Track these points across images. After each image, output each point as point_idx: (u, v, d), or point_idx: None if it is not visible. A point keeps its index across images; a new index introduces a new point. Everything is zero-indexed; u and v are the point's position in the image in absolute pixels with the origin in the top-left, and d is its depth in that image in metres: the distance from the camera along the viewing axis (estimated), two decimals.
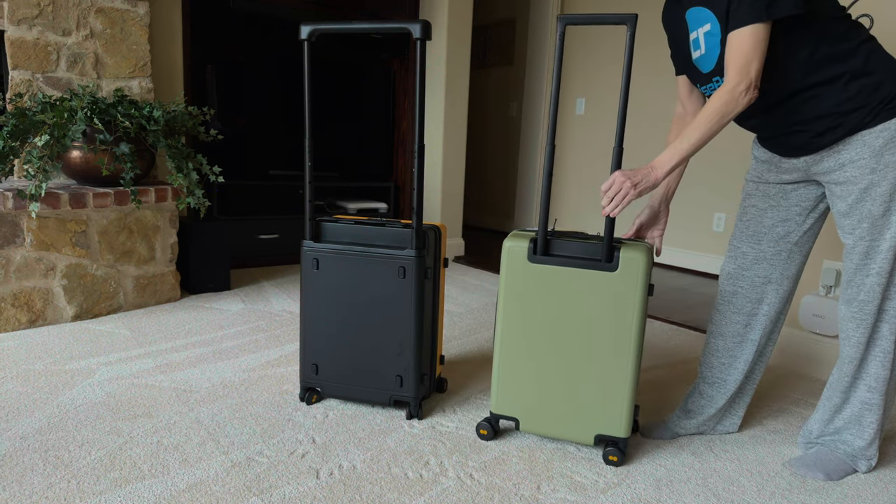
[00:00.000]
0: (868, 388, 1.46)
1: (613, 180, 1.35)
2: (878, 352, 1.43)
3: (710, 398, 1.64)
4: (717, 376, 1.63)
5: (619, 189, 1.34)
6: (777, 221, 1.54)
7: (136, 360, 2.02)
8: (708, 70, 1.43)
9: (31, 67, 2.49)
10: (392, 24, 1.49)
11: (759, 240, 1.56)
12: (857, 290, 1.42)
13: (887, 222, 1.35)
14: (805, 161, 1.44)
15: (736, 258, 1.59)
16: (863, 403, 1.47)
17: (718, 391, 1.63)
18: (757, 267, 1.56)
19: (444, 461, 1.47)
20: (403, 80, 4.12)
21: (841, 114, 1.34)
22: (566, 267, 1.45)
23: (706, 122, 1.31)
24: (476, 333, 2.49)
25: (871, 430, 1.48)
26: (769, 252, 1.55)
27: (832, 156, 1.39)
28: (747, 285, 1.57)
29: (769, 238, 1.55)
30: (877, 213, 1.35)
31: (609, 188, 1.36)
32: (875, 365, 1.44)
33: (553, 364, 1.50)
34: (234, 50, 3.60)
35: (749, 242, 1.57)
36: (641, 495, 1.36)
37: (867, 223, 1.37)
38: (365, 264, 1.63)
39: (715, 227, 3.87)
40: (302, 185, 3.79)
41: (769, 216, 1.55)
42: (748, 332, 1.59)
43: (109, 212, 2.44)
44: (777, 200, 1.54)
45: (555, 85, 1.39)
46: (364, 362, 1.68)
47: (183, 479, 1.34)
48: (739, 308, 1.59)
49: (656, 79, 4.11)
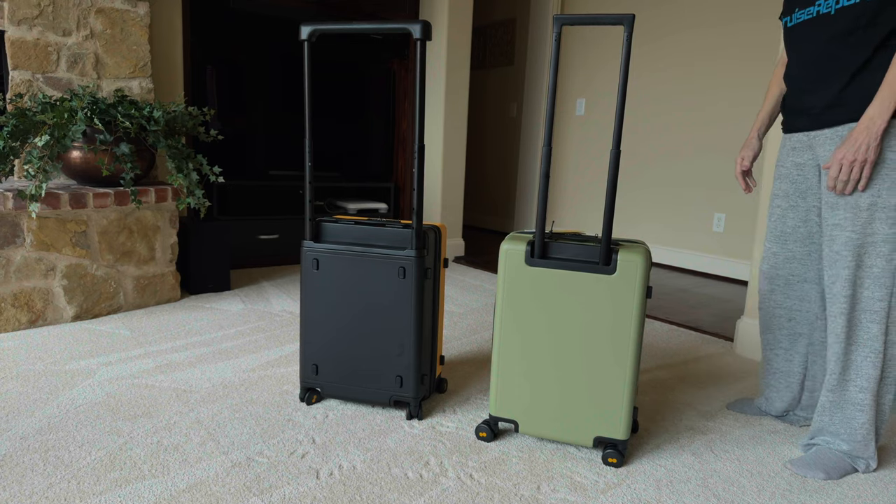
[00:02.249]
0: (859, 388, 1.47)
1: (840, 166, 1.37)
2: (869, 351, 1.44)
3: (776, 389, 1.75)
4: (775, 367, 1.74)
5: (849, 171, 1.36)
6: (799, 223, 1.59)
7: (136, 360, 2.02)
8: None
9: (31, 68, 2.49)
10: (392, 24, 1.49)
11: (785, 240, 1.62)
12: None
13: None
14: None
15: (768, 258, 1.67)
16: (854, 405, 1.48)
17: (780, 380, 1.73)
18: (789, 266, 1.63)
19: (444, 461, 1.47)
20: (403, 80, 4.12)
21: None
22: (564, 270, 1.45)
23: None
24: (476, 334, 2.49)
25: (862, 432, 1.48)
26: (798, 252, 1.60)
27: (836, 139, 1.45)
28: (783, 283, 1.65)
29: (794, 239, 1.60)
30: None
31: (838, 174, 1.38)
32: (867, 365, 1.45)
33: (551, 366, 1.50)
34: (234, 50, 3.60)
35: (777, 243, 1.64)
36: (641, 496, 1.37)
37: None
38: (365, 264, 1.63)
39: (715, 227, 3.87)
40: (302, 185, 3.79)
41: (791, 217, 1.60)
42: (795, 327, 1.66)
43: (109, 212, 2.44)
44: (795, 200, 1.58)
45: (551, 85, 1.39)
46: (364, 362, 1.69)
47: (183, 479, 1.34)
48: (779, 303, 1.67)
49: (656, 78, 4.11)
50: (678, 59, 3.98)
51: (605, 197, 1.41)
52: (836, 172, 1.38)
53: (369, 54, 4.22)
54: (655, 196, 4.20)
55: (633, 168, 4.32)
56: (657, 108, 4.13)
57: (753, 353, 2.35)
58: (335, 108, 3.97)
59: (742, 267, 3.76)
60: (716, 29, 3.75)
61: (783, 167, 1.61)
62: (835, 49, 1.40)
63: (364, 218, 1.74)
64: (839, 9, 1.37)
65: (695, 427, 1.72)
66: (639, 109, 4.25)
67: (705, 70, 3.84)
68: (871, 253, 1.39)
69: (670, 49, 4.01)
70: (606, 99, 4.46)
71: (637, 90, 4.25)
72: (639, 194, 4.30)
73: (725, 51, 3.72)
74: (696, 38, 3.87)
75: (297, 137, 3.85)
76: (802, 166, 1.56)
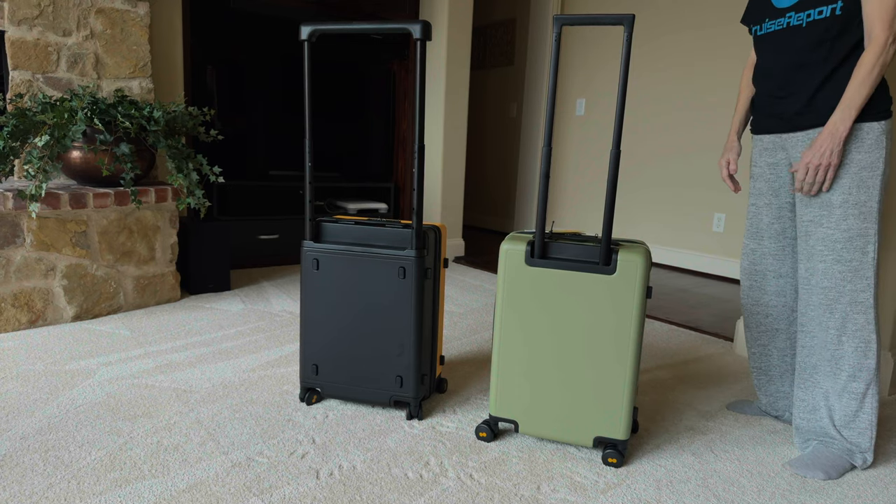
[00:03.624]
0: (852, 378, 1.49)
1: (807, 169, 1.43)
2: (859, 342, 1.47)
3: (759, 386, 1.79)
4: (755, 364, 1.78)
5: (814, 174, 1.43)
6: (773, 219, 1.65)
7: (136, 360, 2.02)
8: (784, 5, 1.50)
9: (31, 68, 2.49)
10: (392, 24, 1.49)
11: (760, 237, 1.68)
12: None
13: None
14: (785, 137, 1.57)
15: (746, 254, 1.73)
16: (850, 395, 1.50)
17: (762, 377, 1.76)
18: (765, 262, 1.68)
19: (444, 461, 1.47)
20: (403, 80, 4.12)
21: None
22: (564, 270, 1.45)
23: (869, 77, 1.36)
24: (476, 334, 2.49)
25: (860, 424, 1.50)
26: (772, 248, 1.66)
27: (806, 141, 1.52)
28: (760, 279, 1.70)
29: (769, 235, 1.67)
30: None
31: (804, 177, 1.44)
32: (858, 356, 1.48)
33: (551, 367, 1.50)
34: (234, 50, 3.60)
35: (754, 239, 1.70)
36: (641, 496, 1.37)
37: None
38: (365, 265, 1.63)
39: (715, 227, 3.87)
40: (302, 186, 3.79)
41: (765, 214, 1.67)
42: (772, 322, 1.70)
43: (109, 212, 2.44)
44: (769, 198, 1.65)
45: (551, 86, 1.39)
46: (364, 363, 1.69)
47: (183, 479, 1.34)
48: (756, 299, 1.71)
49: (656, 78, 4.11)
50: (678, 58, 3.98)
51: (605, 197, 1.41)
52: (802, 175, 1.46)
53: (369, 54, 4.22)
54: (655, 196, 4.20)
55: (633, 168, 4.32)
56: (657, 108, 4.13)
57: None
58: (335, 109, 3.97)
59: None
60: (716, 29, 3.75)
61: (756, 167, 1.68)
62: (805, 58, 1.48)
63: (364, 218, 1.74)
64: (810, 22, 1.45)
65: (695, 427, 1.73)
66: (639, 109, 4.25)
67: (705, 70, 3.84)
68: (847, 248, 1.45)
69: (670, 49, 4.02)
70: (606, 99, 4.46)
71: (637, 90, 4.25)
72: (639, 194, 4.31)
73: (725, 50, 3.72)
74: (696, 37, 3.87)
75: (297, 137, 3.85)
76: (775, 165, 1.62)
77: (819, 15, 1.43)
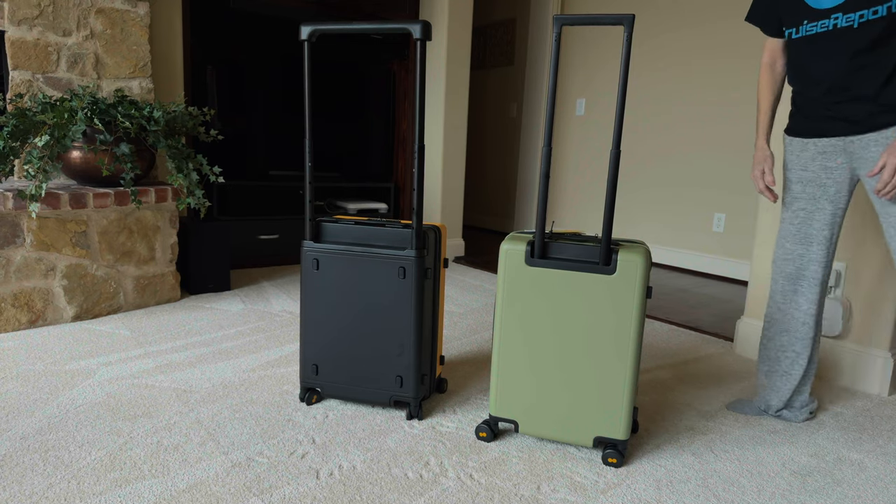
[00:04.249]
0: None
1: (894, 171, 1.41)
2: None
3: (776, 390, 1.79)
4: (783, 369, 1.77)
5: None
6: (824, 226, 1.63)
7: (136, 360, 2.02)
8: (827, 6, 1.47)
9: (31, 68, 2.49)
10: (392, 24, 1.49)
11: (809, 242, 1.66)
12: None
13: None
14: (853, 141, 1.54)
15: (793, 259, 1.69)
16: None
17: (785, 383, 1.78)
18: (812, 268, 1.68)
19: (444, 461, 1.47)
20: (403, 80, 4.12)
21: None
22: (564, 270, 1.45)
23: None
24: (476, 334, 2.49)
25: None
26: (820, 255, 1.65)
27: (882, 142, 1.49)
28: (806, 286, 1.70)
29: (818, 241, 1.65)
30: None
31: (890, 179, 1.42)
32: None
33: (551, 367, 1.50)
34: (234, 50, 3.60)
35: (802, 245, 1.67)
36: (641, 496, 1.37)
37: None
38: (365, 264, 1.63)
39: (715, 227, 3.87)
40: (302, 186, 3.79)
41: (817, 219, 1.64)
42: (808, 331, 1.72)
43: (109, 212, 2.44)
44: (822, 203, 1.62)
45: (551, 86, 1.39)
46: (364, 363, 1.69)
47: (183, 479, 1.34)
48: (799, 305, 1.72)
49: (656, 78, 4.11)
50: (678, 58, 3.98)
51: (605, 197, 1.41)
52: (888, 177, 1.43)
53: (369, 54, 4.22)
54: (655, 196, 4.20)
55: (632, 168, 4.32)
56: (657, 108, 4.13)
57: (753, 354, 2.35)
58: (335, 109, 3.97)
59: (742, 267, 3.76)
60: (716, 28, 3.75)
61: (807, 171, 1.63)
62: (864, 60, 1.45)
63: (364, 218, 1.74)
64: (863, 23, 1.42)
65: (695, 427, 1.73)
66: (638, 109, 4.25)
67: (705, 69, 3.84)
68: None
69: (670, 48, 4.02)
70: (606, 99, 4.46)
71: (637, 90, 4.25)
72: (639, 194, 4.31)
73: (725, 50, 3.72)
74: (695, 37, 3.87)
75: (297, 137, 3.85)
76: (832, 170, 1.59)
77: (874, 15, 1.40)
